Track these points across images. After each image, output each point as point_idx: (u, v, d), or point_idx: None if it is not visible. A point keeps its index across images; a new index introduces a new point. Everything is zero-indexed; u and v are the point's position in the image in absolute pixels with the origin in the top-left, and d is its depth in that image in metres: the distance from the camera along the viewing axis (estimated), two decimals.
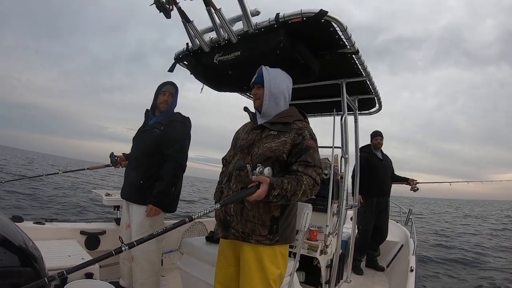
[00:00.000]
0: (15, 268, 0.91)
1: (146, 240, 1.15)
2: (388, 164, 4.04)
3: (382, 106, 3.00)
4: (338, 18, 1.67)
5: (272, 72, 1.67)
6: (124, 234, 2.49)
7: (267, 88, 1.63)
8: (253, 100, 1.71)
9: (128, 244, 1.09)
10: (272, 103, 1.64)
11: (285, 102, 1.69)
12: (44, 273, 1.03)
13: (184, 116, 2.53)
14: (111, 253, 1.06)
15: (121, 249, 1.07)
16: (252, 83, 1.70)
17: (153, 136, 2.39)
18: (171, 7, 1.59)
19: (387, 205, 3.96)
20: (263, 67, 1.68)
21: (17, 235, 1.04)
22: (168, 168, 2.31)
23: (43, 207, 8.61)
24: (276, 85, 1.64)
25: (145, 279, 2.35)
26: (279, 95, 1.65)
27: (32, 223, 2.64)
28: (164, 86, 2.51)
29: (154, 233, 1.17)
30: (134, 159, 2.49)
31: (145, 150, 2.40)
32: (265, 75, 1.64)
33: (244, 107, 1.77)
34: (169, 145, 2.34)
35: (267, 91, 1.63)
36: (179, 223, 1.21)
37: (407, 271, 2.85)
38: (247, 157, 1.57)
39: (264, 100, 1.63)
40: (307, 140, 1.54)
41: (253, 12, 1.76)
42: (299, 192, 1.42)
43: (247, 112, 1.76)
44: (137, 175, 2.39)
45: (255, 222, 1.50)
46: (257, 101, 1.67)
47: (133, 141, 2.60)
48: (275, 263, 1.54)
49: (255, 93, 1.69)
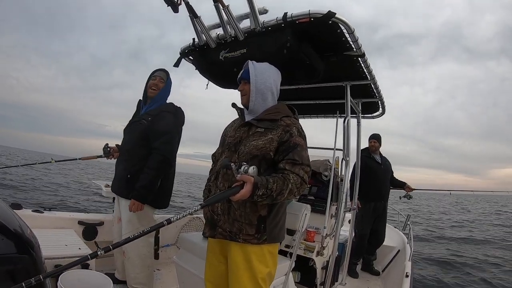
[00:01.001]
0: (11, 255, 0.91)
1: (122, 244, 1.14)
2: (386, 167, 4.01)
3: (385, 111, 2.99)
4: (346, 20, 1.66)
5: (258, 67, 1.62)
6: (116, 228, 2.47)
7: (253, 83, 1.59)
8: (240, 96, 1.68)
9: (104, 248, 1.07)
10: (259, 99, 1.60)
11: (272, 98, 1.64)
12: (40, 261, 1.03)
13: (176, 106, 2.44)
14: (87, 257, 1.06)
15: (97, 253, 1.05)
16: (239, 79, 1.67)
17: (140, 127, 2.29)
18: (179, 1, 1.58)
19: (385, 210, 3.95)
20: (250, 62, 1.64)
21: (15, 222, 1.04)
22: (152, 160, 2.20)
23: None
24: (263, 80, 1.61)
25: (137, 273, 2.34)
26: (266, 91, 1.61)
27: (30, 211, 2.65)
28: (155, 72, 2.42)
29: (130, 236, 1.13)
30: (124, 152, 2.43)
31: (132, 143, 2.33)
32: (251, 70, 1.60)
33: (232, 103, 1.74)
34: (156, 137, 2.23)
35: (253, 87, 1.59)
36: (157, 225, 1.18)
37: (402, 276, 2.85)
38: (234, 155, 1.54)
39: (251, 96, 1.60)
40: (294, 137, 1.50)
41: (261, 10, 1.75)
42: (285, 192, 1.40)
43: (235, 108, 1.72)
44: (125, 169, 2.32)
45: (242, 221, 1.48)
46: (244, 97, 1.64)
47: (123, 133, 2.51)
48: (263, 261, 1.52)
49: (241, 89, 1.65)
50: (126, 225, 2.29)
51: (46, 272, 1.03)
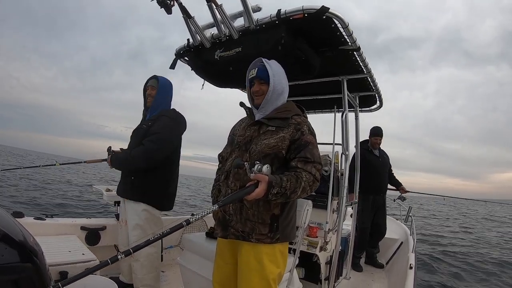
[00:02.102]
0: (15, 264, 0.91)
1: (143, 246, 1.14)
2: (384, 160, 4.02)
3: (383, 103, 2.99)
4: (340, 14, 1.66)
5: (274, 67, 1.58)
6: (124, 230, 2.49)
7: (272, 84, 1.54)
8: (254, 96, 1.61)
9: (124, 252, 1.07)
10: (274, 99, 1.57)
11: (284, 97, 1.63)
12: (44, 269, 1.03)
13: (178, 112, 2.49)
14: (107, 262, 1.06)
15: (117, 257, 1.06)
16: (252, 78, 1.58)
17: (142, 132, 2.37)
18: (172, 3, 1.58)
19: (384, 202, 3.97)
20: (264, 61, 1.58)
21: (17, 230, 1.04)
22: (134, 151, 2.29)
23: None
24: (279, 80, 1.57)
25: (144, 274, 2.35)
26: (282, 91, 1.59)
27: (32, 219, 2.64)
28: (149, 81, 2.47)
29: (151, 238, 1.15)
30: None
31: (135, 147, 2.37)
32: (270, 70, 1.54)
33: (240, 102, 1.71)
34: (148, 137, 2.30)
35: (271, 87, 1.54)
36: (177, 227, 1.18)
37: (406, 268, 2.86)
38: (245, 154, 1.53)
39: (267, 97, 1.55)
40: (306, 136, 1.50)
41: (254, 8, 1.75)
42: (298, 190, 1.39)
43: (243, 107, 1.70)
44: (130, 173, 2.39)
45: (255, 220, 1.47)
46: (260, 97, 1.58)
47: (130, 138, 2.58)
48: (274, 262, 1.51)
49: (257, 89, 1.57)
50: (133, 228, 2.32)
51: (51, 280, 1.04)
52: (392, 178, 4.26)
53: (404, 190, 4.32)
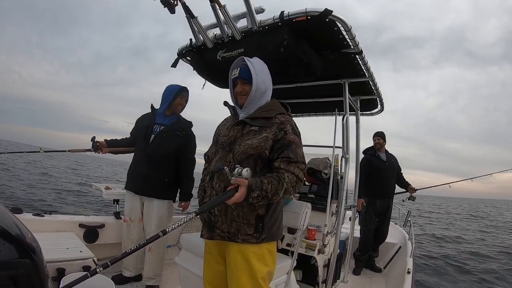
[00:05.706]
0: (13, 260, 0.90)
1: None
2: (392, 165, 3.97)
3: (384, 108, 2.99)
4: (343, 17, 1.66)
5: (257, 65, 1.54)
6: (137, 227, 2.64)
7: (255, 84, 1.51)
8: (238, 97, 1.59)
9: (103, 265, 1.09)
10: (257, 99, 1.55)
11: (268, 95, 1.60)
12: (42, 265, 1.02)
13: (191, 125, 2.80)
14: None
15: (96, 270, 1.06)
16: (234, 78, 1.57)
17: (179, 140, 2.60)
18: (175, 2, 1.58)
19: (389, 207, 3.93)
20: (246, 59, 1.55)
21: (15, 226, 1.04)
22: (190, 169, 2.68)
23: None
24: (263, 79, 1.54)
25: (156, 266, 2.62)
26: (265, 90, 1.56)
27: (31, 215, 2.65)
28: (183, 91, 2.67)
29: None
30: (158, 157, 2.56)
31: (171, 151, 2.58)
32: (252, 70, 1.51)
33: (224, 101, 1.67)
34: (190, 151, 2.69)
35: (254, 87, 1.52)
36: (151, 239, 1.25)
37: (404, 273, 2.85)
38: (229, 155, 1.50)
39: (250, 97, 1.53)
40: (289, 135, 1.47)
41: (257, 10, 1.75)
42: (280, 191, 1.38)
43: (227, 106, 1.67)
44: (161, 174, 2.57)
45: (240, 221, 1.46)
46: (243, 97, 1.56)
47: (138, 132, 2.69)
48: (262, 260, 1.50)
49: (240, 90, 1.55)
50: (159, 222, 2.55)
51: (49, 277, 1.03)
52: (402, 180, 4.20)
53: (413, 189, 4.24)
